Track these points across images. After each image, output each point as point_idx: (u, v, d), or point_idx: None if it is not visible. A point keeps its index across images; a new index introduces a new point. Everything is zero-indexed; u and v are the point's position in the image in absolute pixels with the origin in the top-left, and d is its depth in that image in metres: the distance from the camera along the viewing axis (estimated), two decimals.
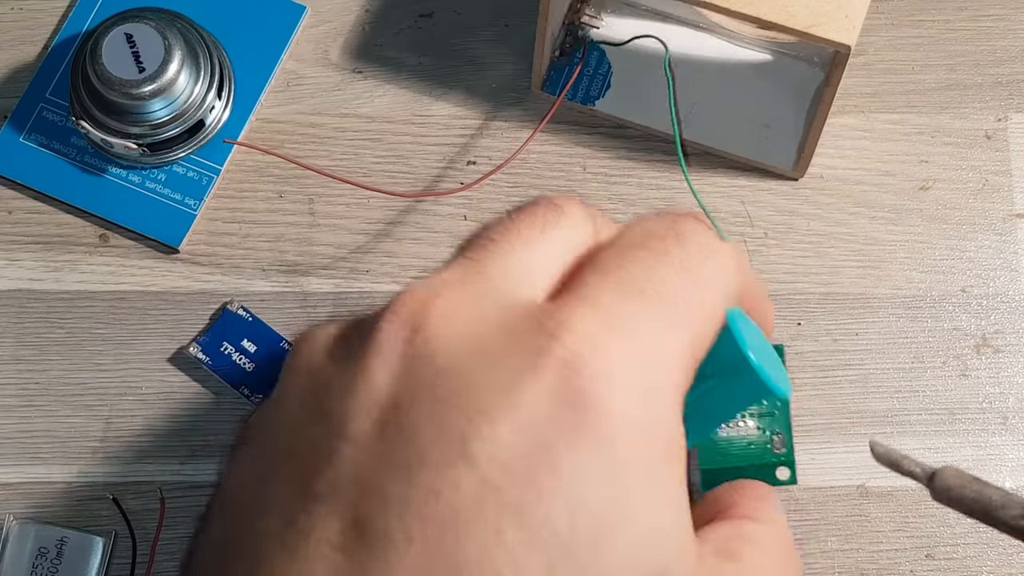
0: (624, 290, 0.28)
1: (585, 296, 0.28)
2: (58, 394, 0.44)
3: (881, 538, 0.42)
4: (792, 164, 0.45)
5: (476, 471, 0.25)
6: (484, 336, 0.27)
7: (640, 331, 0.27)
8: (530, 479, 0.25)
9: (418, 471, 0.25)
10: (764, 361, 0.31)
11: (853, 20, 0.39)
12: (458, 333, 0.27)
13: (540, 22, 0.43)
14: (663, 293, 0.28)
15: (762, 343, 0.32)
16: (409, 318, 0.27)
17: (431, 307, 0.27)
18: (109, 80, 0.43)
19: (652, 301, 0.28)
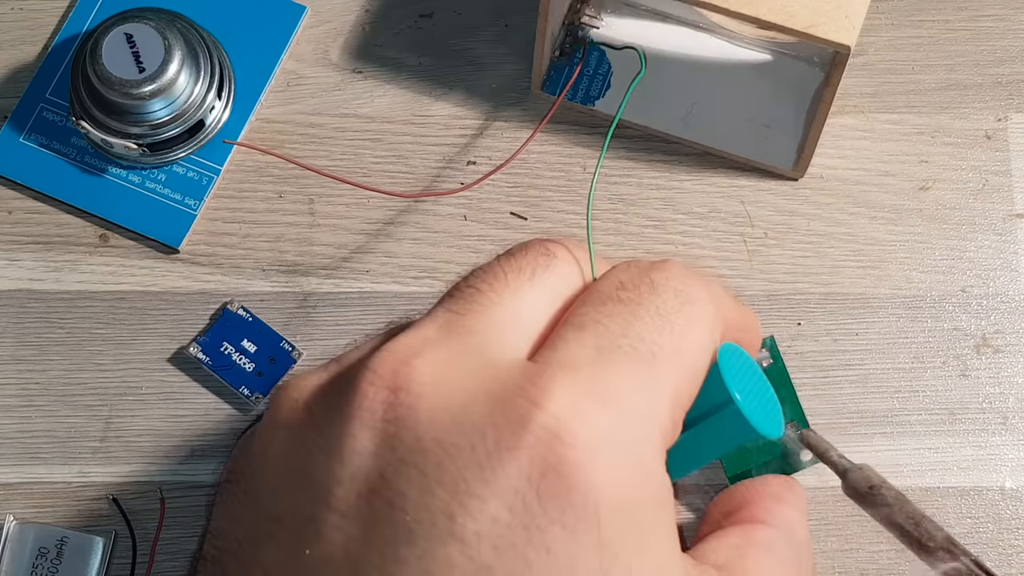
0: (602, 348, 0.28)
1: (564, 360, 0.27)
2: (58, 394, 0.44)
3: (881, 538, 0.42)
4: (792, 164, 0.45)
5: (466, 551, 0.25)
6: (467, 403, 0.26)
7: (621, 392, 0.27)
8: (521, 558, 0.25)
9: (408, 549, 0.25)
10: (752, 399, 0.30)
11: (853, 20, 0.39)
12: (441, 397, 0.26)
13: (540, 22, 0.43)
14: (640, 348, 0.28)
15: (755, 378, 0.31)
16: (390, 378, 0.27)
17: (412, 367, 0.27)
18: (109, 80, 0.43)
19: (631, 358, 0.28)
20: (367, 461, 0.26)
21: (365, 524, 0.26)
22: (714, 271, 0.45)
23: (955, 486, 0.43)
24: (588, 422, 0.26)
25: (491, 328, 0.28)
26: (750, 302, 0.44)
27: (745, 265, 0.45)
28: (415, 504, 0.25)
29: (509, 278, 0.29)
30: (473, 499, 0.25)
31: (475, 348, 0.28)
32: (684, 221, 0.45)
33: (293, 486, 0.27)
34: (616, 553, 0.26)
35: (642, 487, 0.27)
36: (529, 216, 0.45)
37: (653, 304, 0.29)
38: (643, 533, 0.26)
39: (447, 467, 0.25)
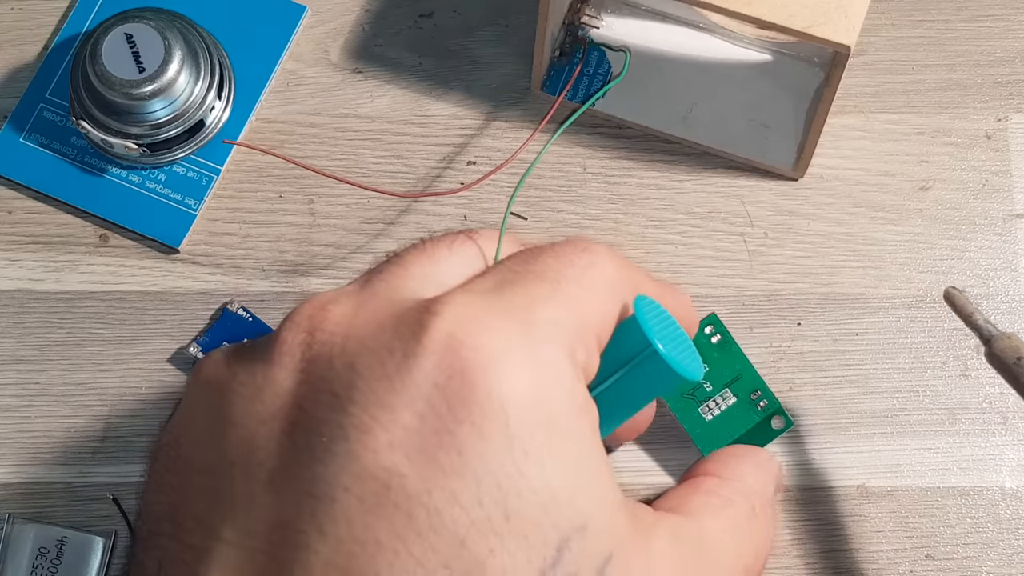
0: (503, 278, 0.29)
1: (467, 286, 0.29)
2: (58, 394, 0.44)
3: (881, 538, 0.42)
4: (792, 164, 0.45)
5: (379, 460, 0.26)
6: (376, 330, 0.27)
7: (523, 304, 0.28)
8: (433, 462, 0.26)
9: (325, 467, 0.26)
10: (671, 346, 0.31)
11: (853, 20, 0.39)
12: (352, 329, 0.28)
13: (540, 22, 0.43)
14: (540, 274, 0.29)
15: (672, 329, 0.32)
16: (306, 323, 0.28)
17: (327, 311, 0.28)
18: (109, 80, 0.43)
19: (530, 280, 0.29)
20: (287, 399, 0.27)
21: (287, 454, 0.27)
22: (714, 271, 0.45)
23: (955, 486, 0.43)
24: (490, 327, 0.27)
25: (403, 278, 0.30)
26: (750, 302, 0.44)
27: (745, 265, 0.45)
28: (330, 425, 0.26)
29: (427, 247, 0.31)
30: (383, 410, 0.26)
31: (386, 291, 0.29)
32: (684, 221, 0.45)
33: (219, 435, 0.28)
34: (527, 449, 0.26)
35: (552, 391, 0.27)
36: (529, 216, 0.45)
37: (552, 251, 0.30)
38: (556, 433, 0.27)
39: (358, 385, 0.26)
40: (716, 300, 0.44)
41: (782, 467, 0.36)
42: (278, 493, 0.26)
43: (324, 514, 0.26)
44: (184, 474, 0.28)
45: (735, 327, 0.44)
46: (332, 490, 0.26)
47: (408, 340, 0.27)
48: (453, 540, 0.25)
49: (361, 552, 0.25)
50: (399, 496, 0.26)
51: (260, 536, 0.26)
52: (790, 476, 0.43)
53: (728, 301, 0.44)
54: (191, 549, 0.27)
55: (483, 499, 0.26)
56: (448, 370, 0.26)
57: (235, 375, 0.28)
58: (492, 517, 0.26)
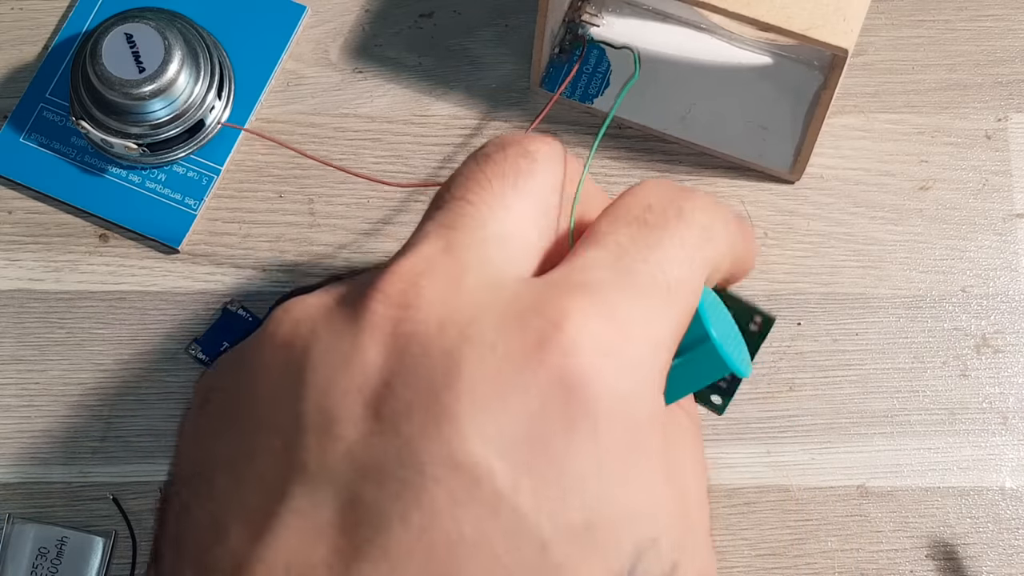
0: (621, 270, 0.28)
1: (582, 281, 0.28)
2: (58, 394, 0.44)
3: (881, 538, 0.42)
4: (789, 167, 0.45)
5: (472, 456, 0.26)
6: (475, 317, 0.27)
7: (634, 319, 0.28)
8: (523, 464, 0.26)
9: (415, 454, 0.26)
10: (727, 342, 0.31)
11: (851, 24, 0.39)
12: (449, 313, 0.27)
13: (539, 18, 0.43)
14: (658, 278, 0.28)
15: (728, 324, 0.33)
16: (397, 297, 0.27)
17: (420, 287, 0.27)
18: (109, 80, 0.43)
19: (648, 286, 0.28)
20: (375, 373, 0.26)
21: (371, 432, 0.26)
22: None
23: (955, 486, 0.43)
24: (599, 343, 0.27)
25: (488, 243, 0.29)
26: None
27: None
28: (422, 411, 0.26)
29: (492, 183, 0.29)
30: (480, 407, 0.26)
31: (476, 264, 0.28)
32: None
33: (295, 398, 0.27)
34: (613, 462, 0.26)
35: (644, 409, 0.28)
36: None
37: (679, 234, 0.29)
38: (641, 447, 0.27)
39: (455, 376, 0.26)
40: None
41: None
42: (359, 470, 0.26)
43: (412, 500, 0.25)
44: (246, 429, 0.27)
45: None
46: (421, 478, 0.25)
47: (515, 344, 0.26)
48: (536, 543, 0.25)
49: (444, 544, 0.25)
50: (488, 493, 0.25)
51: (333, 510, 0.26)
52: (790, 476, 0.43)
53: None
54: (252, 510, 0.26)
55: (568, 507, 0.26)
56: (554, 381, 0.26)
57: (319, 338, 0.27)
58: (574, 525, 0.26)
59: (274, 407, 0.27)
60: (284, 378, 0.27)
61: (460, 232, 0.29)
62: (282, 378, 0.27)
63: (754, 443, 0.43)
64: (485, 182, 0.29)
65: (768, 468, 0.43)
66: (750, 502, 0.43)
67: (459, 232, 0.29)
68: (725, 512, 0.43)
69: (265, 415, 0.27)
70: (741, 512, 0.43)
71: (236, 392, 0.28)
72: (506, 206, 0.29)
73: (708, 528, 0.30)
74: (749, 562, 0.42)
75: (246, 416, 0.28)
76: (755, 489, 0.43)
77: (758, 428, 0.43)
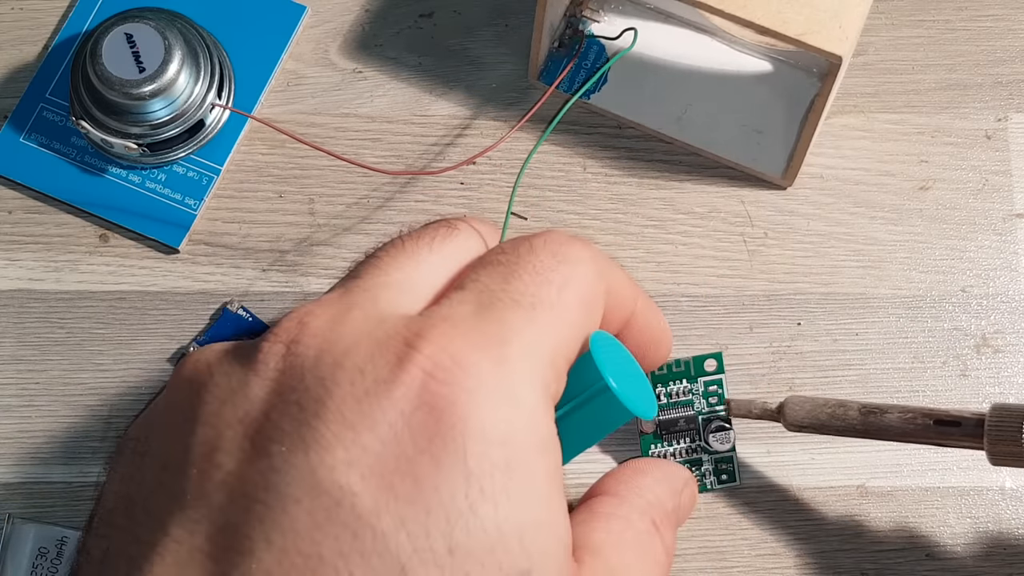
0: (482, 303, 0.29)
1: (445, 312, 0.29)
2: (58, 394, 0.44)
3: (881, 538, 0.42)
4: (781, 172, 0.45)
5: (335, 477, 0.26)
6: (350, 347, 0.27)
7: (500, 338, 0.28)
8: (387, 486, 0.26)
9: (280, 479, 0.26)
10: (626, 384, 0.31)
11: (847, 31, 0.39)
12: (328, 344, 0.28)
13: (538, 11, 0.43)
14: (520, 300, 0.29)
15: (627, 365, 0.32)
16: (285, 335, 0.28)
17: (305, 323, 0.28)
18: (109, 80, 0.43)
19: (510, 308, 0.29)
20: (256, 405, 0.27)
21: (245, 459, 0.27)
22: (714, 271, 0.45)
23: (955, 486, 0.43)
24: (464, 363, 0.27)
25: (384, 287, 0.30)
26: (750, 302, 0.44)
27: (745, 265, 0.45)
28: (292, 437, 0.27)
29: (407, 245, 0.31)
30: (347, 430, 0.26)
31: (366, 303, 0.29)
32: (684, 221, 0.45)
33: (186, 433, 0.28)
34: (483, 487, 0.26)
35: (519, 430, 0.27)
36: (529, 216, 0.45)
37: (530, 263, 0.30)
38: (516, 474, 0.27)
39: (325, 402, 0.27)
40: (716, 300, 0.44)
41: (692, 478, 0.36)
42: (230, 496, 0.26)
43: (272, 523, 0.26)
44: (146, 468, 0.28)
45: (735, 327, 0.44)
46: (283, 500, 0.26)
47: (383, 367, 0.27)
48: (394, 566, 0.26)
49: (303, 565, 0.25)
50: (349, 515, 0.26)
51: (206, 537, 0.26)
52: (790, 476, 0.43)
53: (728, 301, 0.44)
54: (137, 542, 0.27)
55: (430, 530, 0.26)
56: (417, 402, 0.26)
57: (213, 376, 0.28)
58: (436, 549, 0.26)
59: (168, 443, 0.28)
60: (178, 415, 0.29)
61: (360, 279, 0.30)
62: (179, 416, 0.29)
63: (754, 443, 0.43)
64: (399, 243, 0.31)
65: (768, 468, 0.43)
66: (750, 502, 0.43)
67: (359, 280, 0.30)
68: (725, 512, 0.43)
69: (163, 452, 0.28)
70: (741, 512, 0.43)
71: (144, 435, 0.29)
72: (416, 260, 0.30)
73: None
74: (749, 562, 0.42)
75: (148, 456, 0.29)
76: (755, 489, 0.43)
77: (758, 428, 0.43)
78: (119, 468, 0.29)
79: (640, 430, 0.43)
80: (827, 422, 0.39)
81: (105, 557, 0.28)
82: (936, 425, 0.38)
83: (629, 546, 0.32)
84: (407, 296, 0.29)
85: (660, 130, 0.46)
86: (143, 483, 0.28)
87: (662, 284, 0.45)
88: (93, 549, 0.28)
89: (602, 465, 0.43)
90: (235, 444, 0.27)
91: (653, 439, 0.43)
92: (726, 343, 0.44)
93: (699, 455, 0.43)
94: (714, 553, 0.42)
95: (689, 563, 0.42)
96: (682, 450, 0.43)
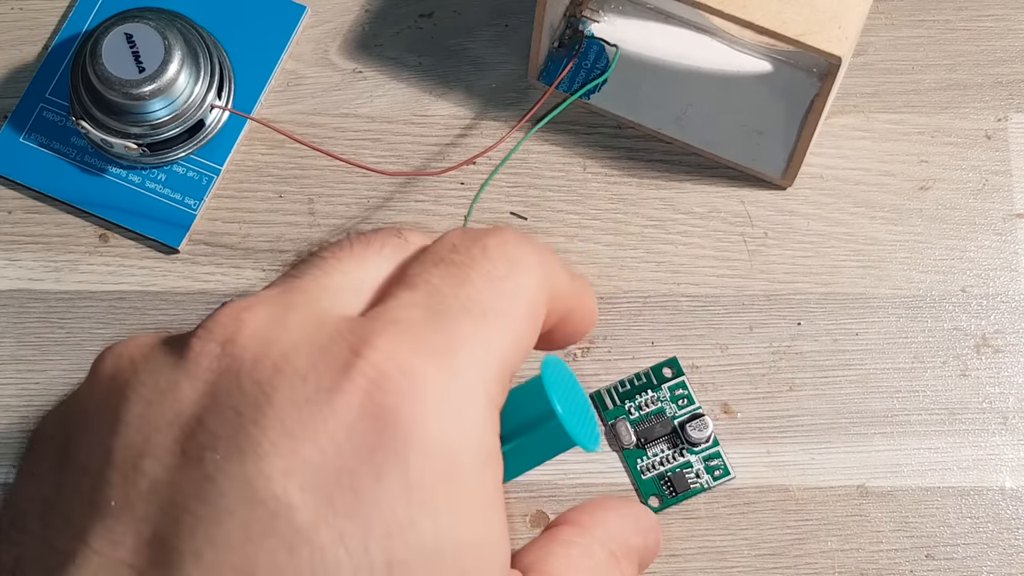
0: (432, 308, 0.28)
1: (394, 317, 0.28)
2: (58, 394, 0.44)
3: (881, 538, 0.42)
4: (781, 172, 0.45)
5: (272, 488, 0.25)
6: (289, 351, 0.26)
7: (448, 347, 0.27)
8: (326, 499, 0.25)
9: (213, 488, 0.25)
10: (573, 414, 0.31)
11: (847, 31, 0.39)
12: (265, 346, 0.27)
13: (537, 11, 0.43)
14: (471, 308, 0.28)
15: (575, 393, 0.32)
16: (219, 333, 0.27)
17: (241, 321, 0.27)
18: (109, 80, 0.43)
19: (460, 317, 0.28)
20: (187, 408, 0.26)
21: (175, 466, 0.26)
22: (714, 271, 0.45)
23: (955, 486, 0.43)
24: (410, 373, 0.26)
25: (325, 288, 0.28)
26: (750, 302, 0.44)
27: (745, 265, 0.45)
28: (227, 444, 0.25)
29: (355, 248, 0.29)
30: (286, 439, 0.25)
31: (305, 304, 0.28)
32: (684, 221, 0.45)
33: (108, 434, 0.26)
34: (424, 500, 0.26)
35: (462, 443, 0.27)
36: (529, 216, 0.45)
37: (484, 268, 0.29)
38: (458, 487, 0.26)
39: (263, 409, 0.26)
40: (716, 300, 0.44)
41: (658, 526, 0.35)
42: (158, 506, 0.25)
43: (204, 536, 0.25)
44: (63, 470, 0.27)
45: (735, 327, 0.44)
46: (216, 512, 0.25)
47: (326, 375, 0.26)
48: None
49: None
50: (285, 528, 0.25)
51: (130, 549, 0.25)
52: (790, 476, 0.43)
53: (728, 301, 0.44)
54: (53, 552, 0.26)
55: (369, 545, 0.25)
56: (361, 412, 0.26)
57: (137, 373, 0.27)
58: (375, 564, 0.25)
59: (88, 446, 0.27)
60: (100, 416, 0.27)
61: (301, 279, 0.29)
62: (98, 416, 0.27)
63: (754, 443, 0.43)
64: (346, 244, 0.30)
65: (768, 468, 0.43)
66: (750, 502, 0.43)
67: (300, 279, 0.29)
68: (725, 512, 0.43)
69: (79, 454, 0.27)
70: (741, 512, 0.43)
71: (60, 433, 0.28)
72: (362, 263, 0.29)
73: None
74: (749, 562, 0.42)
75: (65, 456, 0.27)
76: (755, 489, 0.43)
77: (758, 428, 0.43)
78: (31, 468, 0.28)
79: (621, 445, 0.43)
80: None
81: (17, 565, 0.27)
82: None
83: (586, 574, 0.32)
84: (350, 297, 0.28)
85: (660, 130, 0.46)
86: (59, 486, 0.27)
87: (662, 284, 0.45)
88: (2, 555, 0.27)
89: (591, 477, 0.43)
90: (164, 450, 0.26)
91: (637, 451, 0.43)
92: (726, 343, 0.44)
93: (685, 456, 0.43)
94: (714, 553, 0.42)
95: (689, 563, 0.42)
96: (667, 456, 0.43)
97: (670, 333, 0.44)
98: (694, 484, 0.43)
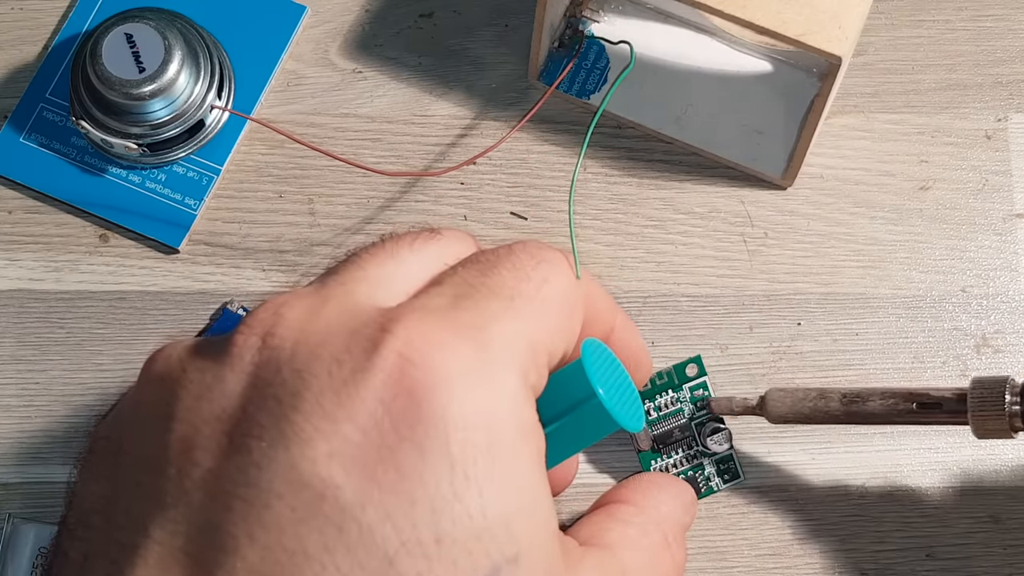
0: (458, 291, 0.29)
1: (423, 302, 0.28)
2: (58, 394, 0.44)
3: (881, 538, 0.42)
4: (781, 172, 0.45)
5: (317, 470, 0.26)
6: (326, 338, 0.27)
7: (478, 324, 0.28)
8: (370, 477, 0.26)
9: (261, 475, 0.26)
10: (615, 395, 0.31)
11: (847, 31, 0.39)
12: (304, 335, 0.27)
13: (538, 10, 0.43)
14: (496, 289, 0.29)
15: (618, 375, 0.32)
16: (259, 327, 0.28)
17: (280, 315, 0.28)
18: (109, 80, 0.43)
19: (488, 297, 0.28)
20: (233, 400, 0.27)
21: (224, 456, 0.26)
22: (714, 271, 0.45)
23: (955, 486, 0.43)
24: (442, 347, 0.27)
25: (360, 280, 0.29)
26: (750, 302, 0.44)
27: (745, 265, 0.45)
28: (271, 430, 0.26)
29: (388, 246, 0.30)
30: (326, 422, 0.26)
31: (341, 295, 0.29)
32: (684, 221, 0.45)
33: (161, 431, 0.27)
34: (467, 474, 0.26)
35: (498, 414, 0.27)
36: (529, 216, 0.45)
37: (509, 261, 0.30)
38: (499, 459, 0.27)
39: (303, 394, 0.26)
40: (716, 300, 0.44)
41: (696, 500, 0.36)
42: (210, 494, 0.26)
43: (255, 519, 0.25)
44: (121, 467, 0.28)
45: (735, 327, 0.44)
46: (265, 496, 0.26)
47: (359, 355, 0.27)
48: (382, 558, 0.25)
49: (288, 562, 0.25)
50: (332, 508, 0.25)
51: (188, 537, 0.26)
52: (790, 476, 0.43)
53: (728, 301, 0.45)
54: (118, 545, 0.27)
55: (416, 520, 0.25)
56: (396, 388, 0.26)
57: (185, 372, 0.28)
58: (423, 539, 0.25)
59: (144, 443, 0.28)
60: (153, 414, 0.28)
61: (338, 274, 0.30)
62: (152, 414, 0.28)
63: (755, 443, 0.43)
64: (379, 244, 0.31)
65: (768, 468, 0.43)
66: (750, 502, 0.43)
67: (337, 274, 0.30)
68: (725, 512, 0.43)
69: (137, 451, 0.28)
70: (741, 512, 0.43)
71: (117, 434, 0.29)
72: (397, 259, 0.30)
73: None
74: (749, 562, 0.42)
75: (122, 455, 0.28)
76: (755, 489, 0.43)
77: (758, 428, 0.43)
78: (93, 468, 0.29)
79: (637, 448, 0.43)
80: (810, 415, 0.39)
81: (85, 560, 0.27)
82: (919, 408, 0.38)
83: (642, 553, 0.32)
84: (384, 290, 0.29)
85: (660, 130, 0.46)
86: (120, 483, 0.28)
87: (662, 284, 0.45)
88: (71, 551, 0.28)
89: (602, 478, 0.43)
90: (213, 441, 0.27)
91: (652, 454, 0.43)
92: (726, 343, 0.44)
93: (699, 460, 0.43)
94: (714, 553, 0.42)
95: (689, 563, 0.42)
96: (681, 459, 0.43)
97: (670, 333, 0.44)
98: (704, 487, 0.43)
